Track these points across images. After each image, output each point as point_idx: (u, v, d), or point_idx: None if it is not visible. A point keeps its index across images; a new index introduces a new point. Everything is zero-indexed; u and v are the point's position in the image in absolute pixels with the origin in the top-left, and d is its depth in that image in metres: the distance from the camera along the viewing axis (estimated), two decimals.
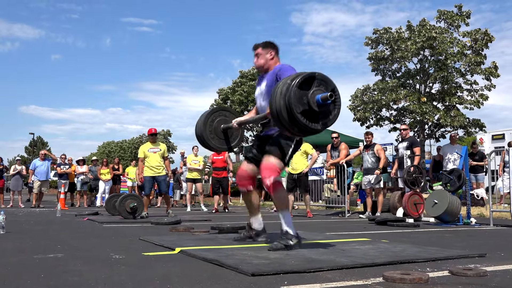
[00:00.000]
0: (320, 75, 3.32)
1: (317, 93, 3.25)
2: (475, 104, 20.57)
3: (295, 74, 3.33)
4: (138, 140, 49.25)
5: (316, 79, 3.29)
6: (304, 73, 3.29)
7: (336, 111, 3.38)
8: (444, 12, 21.08)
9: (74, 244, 4.04)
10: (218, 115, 4.44)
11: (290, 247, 3.54)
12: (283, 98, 3.19)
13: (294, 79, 3.23)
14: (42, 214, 9.45)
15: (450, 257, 3.26)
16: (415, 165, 7.79)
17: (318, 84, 3.29)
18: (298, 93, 3.19)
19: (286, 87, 3.20)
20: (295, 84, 3.19)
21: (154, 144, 8.52)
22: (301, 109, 3.20)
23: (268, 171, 3.69)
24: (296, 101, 3.17)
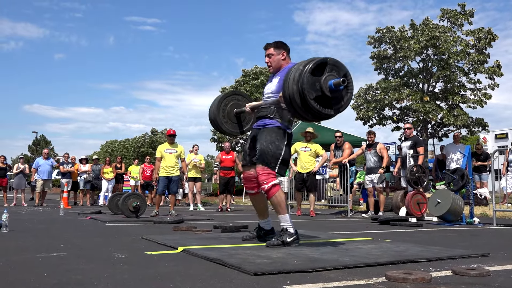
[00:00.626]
0: (332, 60, 3.32)
1: (330, 79, 3.26)
2: (478, 103, 20.52)
3: (308, 60, 3.32)
4: (141, 139, 49.32)
5: (328, 64, 3.29)
6: (317, 58, 3.29)
7: (348, 95, 3.39)
8: (448, 11, 21.02)
9: (77, 243, 4.04)
10: (231, 99, 4.46)
11: (288, 243, 3.59)
12: (296, 84, 3.20)
13: (306, 64, 3.24)
14: (45, 212, 9.47)
15: (453, 256, 3.25)
16: (418, 164, 7.77)
17: (330, 70, 3.30)
18: (311, 79, 3.20)
19: (298, 73, 3.21)
20: (308, 70, 3.19)
21: (172, 145, 8.63)
22: (314, 95, 3.21)
23: (264, 176, 3.70)
24: (309, 87, 3.18)
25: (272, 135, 3.77)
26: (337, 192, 11.70)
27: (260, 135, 3.85)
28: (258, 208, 4.12)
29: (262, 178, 3.71)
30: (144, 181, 14.35)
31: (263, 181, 3.70)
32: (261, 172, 3.71)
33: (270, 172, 3.71)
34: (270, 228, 4.11)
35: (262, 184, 3.71)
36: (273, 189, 3.69)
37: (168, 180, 8.47)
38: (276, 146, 3.74)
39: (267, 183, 3.68)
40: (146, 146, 47.48)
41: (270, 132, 3.80)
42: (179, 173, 8.71)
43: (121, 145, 50.47)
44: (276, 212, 3.78)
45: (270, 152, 3.72)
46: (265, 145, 3.74)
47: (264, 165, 3.71)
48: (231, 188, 11.08)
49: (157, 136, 49.35)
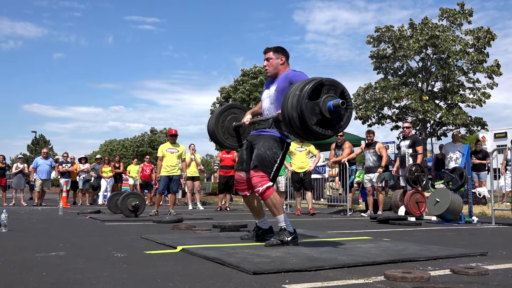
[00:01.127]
0: (327, 80, 3.32)
1: (328, 100, 3.26)
2: (477, 103, 20.54)
3: (303, 83, 3.29)
4: (140, 138, 49.30)
5: (324, 85, 3.29)
6: (312, 81, 3.27)
7: (348, 113, 3.41)
8: (447, 10, 21.03)
9: (76, 242, 4.05)
10: (228, 114, 4.46)
11: (286, 242, 3.61)
12: (295, 110, 3.21)
13: (303, 88, 3.22)
14: (44, 212, 9.47)
15: (451, 255, 3.26)
16: (417, 163, 7.78)
17: (327, 90, 3.29)
18: (310, 104, 3.20)
19: (296, 99, 3.20)
20: (305, 96, 3.19)
21: (173, 145, 8.65)
22: (315, 119, 3.23)
23: (258, 178, 3.68)
24: (309, 113, 3.19)
25: (270, 142, 3.78)
26: (336, 191, 11.71)
27: (258, 141, 3.84)
28: (253, 208, 4.09)
29: (256, 181, 3.68)
30: (143, 181, 14.35)
31: (257, 183, 3.68)
32: (255, 175, 3.69)
33: (264, 175, 3.69)
34: (268, 227, 4.10)
35: (256, 187, 3.68)
36: (267, 191, 3.67)
37: (168, 179, 8.49)
38: (274, 153, 3.74)
39: (261, 185, 3.66)
40: (145, 145, 47.47)
41: (268, 139, 3.80)
42: (180, 173, 8.72)
43: (120, 145, 50.45)
44: (272, 214, 3.77)
45: (267, 158, 3.71)
46: (263, 151, 3.73)
47: (259, 169, 3.69)
48: (230, 187, 11.07)
49: (156, 135, 49.35)
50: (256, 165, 3.70)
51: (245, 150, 4.01)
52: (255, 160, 3.73)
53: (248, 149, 3.98)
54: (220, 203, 11.06)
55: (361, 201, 11.53)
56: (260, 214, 4.08)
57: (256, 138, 3.90)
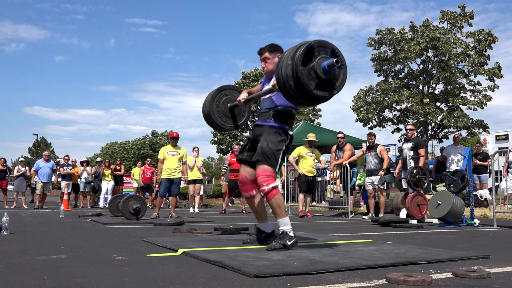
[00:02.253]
0: (316, 42, 3.27)
1: (321, 61, 3.23)
2: (478, 105, 20.53)
3: (292, 50, 3.24)
4: (141, 141, 49.33)
5: (314, 48, 3.25)
6: (302, 47, 3.22)
7: (344, 70, 3.35)
8: (447, 13, 21.05)
9: (77, 245, 4.04)
10: (221, 96, 4.45)
11: (288, 247, 3.57)
12: (292, 79, 3.17)
13: (293, 56, 3.17)
14: (46, 215, 9.47)
15: (453, 258, 3.25)
16: (418, 166, 7.77)
17: (318, 52, 3.26)
18: (304, 70, 3.17)
19: (290, 68, 3.17)
20: (299, 63, 3.14)
21: (174, 147, 8.66)
22: (314, 84, 3.19)
23: (264, 177, 3.66)
24: (306, 79, 3.16)
25: (272, 135, 3.77)
26: (338, 194, 11.70)
27: (262, 132, 3.84)
28: (256, 211, 4.04)
29: (261, 180, 3.67)
30: (144, 183, 14.35)
31: (262, 182, 3.66)
32: (261, 174, 3.68)
33: (270, 174, 3.68)
34: (270, 231, 4.04)
35: (262, 186, 3.67)
36: (273, 191, 3.66)
37: (170, 182, 8.49)
38: (277, 146, 3.74)
39: (267, 185, 3.65)
40: (146, 148, 47.51)
41: (271, 132, 3.79)
42: (181, 175, 8.73)
43: (122, 147, 50.48)
44: (275, 214, 3.73)
45: (270, 151, 3.71)
46: (265, 144, 3.73)
47: (264, 165, 3.68)
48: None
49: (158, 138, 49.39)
50: (260, 159, 3.70)
51: (249, 140, 4.00)
52: (258, 154, 3.73)
53: (252, 139, 3.97)
54: (225, 206, 11.08)
55: (363, 204, 11.52)
56: (263, 217, 4.04)
57: (260, 129, 3.89)
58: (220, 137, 27.47)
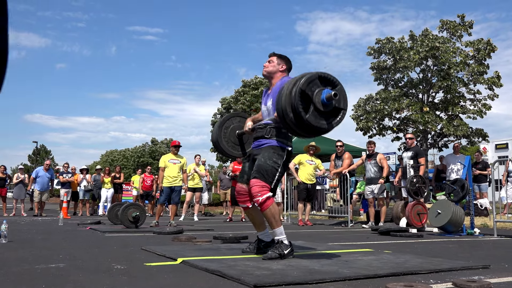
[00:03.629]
0: (324, 74, 3.32)
1: (321, 93, 3.26)
2: (478, 114, 20.57)
3: (299, 75, 3.32)
4: (141, 149, 49.30)
5: (320, 78, 3.29)
6: (308, 74, 3.30)
7: (339, 118, 3.38)
8: (447, 22, 21.16)
9: (76, 254, 4.03)
10: (230, 123, 4.49)
11: (284, 255, 3.57)
12: (289, 105, 3.21)
13: (297, 80, 3.25)
14: (45, 223, 9.44)
15: (453, 268, 3.24)
16: (418, 174, 7.76)
17: (323, 84, 3.30)
18: (303, 94, 3.20)
19: (289, 90, 3.23)
20: (298, 91, 3.20)
21: (176, 156, 8.67)
22: (309, 113, 3.21)
23: (258, 187, 3.63)
24: (301, 103, 3.18)
25: (270, 152, 3.75)
26: (338, 203, 11.68)
27: (259, 154, 3.82)
28: (254, 221, 4.05)
29: (256, 190, 3.63)
30: (143, 191, 14.32)
31: (257, 193, 3.62)
32: (255, 184, 3.64)
33: (265, 185, 3.64)
34: (270, 240, 4.01)
35: (256, 197, 3.62)
36: (267, 201, 3.62)
37: (170, 190, 8.49)
38: (274, 162, 3.71)
39: (261, 195, 3.60)
40: (146, 156, 47.46)
41: (268, 149, 3.78)
42: (181, 184, 8.72)
43: (121, 155, 50.41)
44: (270, 224, 3.71)
45: (267, 168, 3.68)
46: (263, 161, 3.71)
47: (259, 179, 3.65)
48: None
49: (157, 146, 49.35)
50: (256, 176, 3.67)
51: (247, 163, 4.01)
52: (255, 171, 3.71)
53: (249, 162, 3.97)
54: (231, 214, 11.07)
55: (362, 213, 11.50)
56: (261, 227, 4.04)
57: (257, 151, 3.89)
58: None
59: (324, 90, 3.26)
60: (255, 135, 3.99)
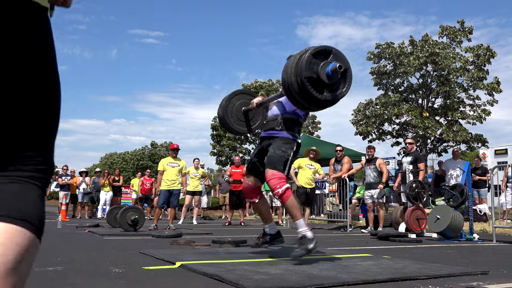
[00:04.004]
0: (336, 50, 3.34)
1: (325, 67, 3.27)
2: (477, 119, 20.57)
3: (304, 50, 3.34)
4: (141, 152, 49.28)
5: (332, 53, 3.30)
6: (313, 47, 3.31)
7: (344, 89, 3.38)
8: (447, 28, 21.20)
9: (74, 257, 4.02)
10: (238, 98, 4.54)
11: (311, 250, 3.61)
12: (294, 75, 3.23)
13: (309, 48, 3.27)
14: None
15: (452, 274, 3.23)
16: (417, 180, 7.76)
17: (332, 59, 3.31)
18: (310, 60, 3.21)
19: (295, 63, 3.25)
20: (310, 52, 3.21)
21: (174, 159, 8.68)
22: (309, 75, 3.22)
23: (276, 180, 3.73)
24: (306, 68, 3.19)
25: (279, 142, 3.88)
26: (337, 207, 11.67)
27: (271, 144, 3.93)
28: (261, 214, 4.23)
29: (274, 183, 3.73)
30: (143, 194, 14.31)
31: (275, 185, 3.72)
32: (272, 177, 3.74)
33: (282, 176, 3.75)
34: (275, 232, 4.19)
35: (275, 189, 3.72)
36: (287, 192, 3.73)
37: (169, 193, 8.48)
38: (284, 152, 3.82)
39: (280, 187, 3.71)
40: (145, 159, 47.44)
41: (277, 141, 3.91)
42: (180, 187, 8.73)
43: (121, 158, 50.41)
44: (292, 216, 3.79)
45: (277, 157, 3.79)
46: (273, 151, 3.83)
47: (273, 169, 3.75)
48: (241, 202, 11.05)
49: (157, 149, 49.35)
50: (270, 167, 3.77)
51: (256, 153, 4.12)
52: (267, 163, 3.82)
53: (259, 152, 4.08)
54: (230, 218, 11.06)
55: (362, 217, 11.48)
56: (268, 219, 4.21)
57: (268, 141, 3.98)
58: (219, 149, 27.46)
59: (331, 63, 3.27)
60: (266, 127, 4.09)
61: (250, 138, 27.86)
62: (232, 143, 26.98)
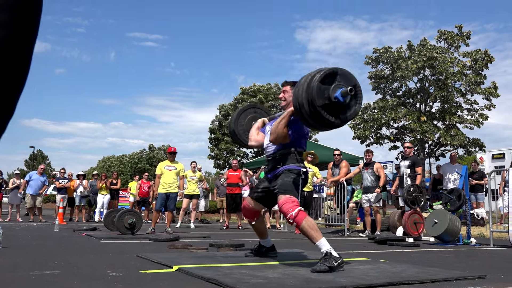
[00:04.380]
0: (341, 70, 3.39)
1: (338, 88, 3.31)
2: (475, 124, 20.64)
3: (317, 70, 3.40)
4: (138, 155, 49.21)
5: (338, 74, 3.35)
6: (326, 68, 3.36)
7: (357, 106, 3.44)
8: (445, 32, 21.29)
9: (71, 260, 4.00)
10: (249, 113, 4.59)
11: (334, 268, 3.37)
12: (306, 92, 3.28)
13: (316, 74, 3.32)
14: (40, 228, 9.40)
15: (450, 278, 3.23)
16: (415, 184, 7.77)
17: (339, 80, 3.35)
18: (320, 87, 3.25)
19: (308, 81, 3.28)
20: (317, 79, 3.27)
21: (172, 162, 8.67)
22: (322, 103, 3.26)
23: (288, 204, 3.68)
24: (318, 96, 3.24)
25: (287, 173, 3.88)
26: (334, 211, 11.66)
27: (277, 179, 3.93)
28: (257, 230, 4.37)
29: (286, 207, 3.66)
30: (140, 198, 14.27)
31: (288, 209, 3.64)
32: (284, 202, 3.70)
33: (294, 200, 3.72)
34: (270, 245, 4.36)
35: (288, 213, 3.63)
36: (299, 215, 3.63)
37: (166, 196, 8.47)
38: (294, 179, 3.84)
39: (292, 210, 3.63)
40: (143, 162, 47.36)
41: (285, 172, 3.90)
42: (177, 190, 8.70)
43: (118, 161, 50.30)
44: (311, 238, 3.59)
45: (289, 183, 3.80)
46: (283, 181, 3.82)
47: (285, 194, 3.73)
48: (238, 205, 11.02)
49: (155, 152, 49.28)
50: (282, 193, 3.76)
51: (261, 185, 4.18)
52: (279, 190, 3.79)
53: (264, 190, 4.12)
54: (227, 221, 11.04)
55: (359, 221, 11.48)
56: (264, 235, 4.36)
57: (275, 179, 3.98)
58: (217, 152, 27.45)
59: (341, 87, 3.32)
60: (268, 167, 4.11)
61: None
62: (230, 146, 26.98)
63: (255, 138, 4.34)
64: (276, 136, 3.85)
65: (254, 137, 4.36)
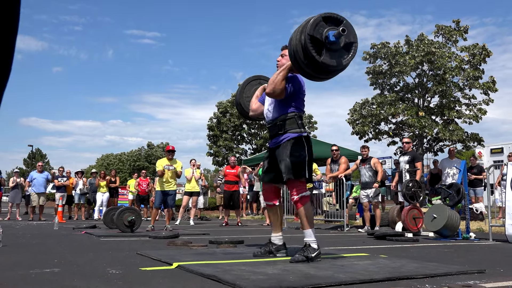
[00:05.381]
0: (327, 14, 3.36)
1: (329, 31, 3.31)
2: (473, 118, 20.64)
3: (305, 21, 3.39)
4: (137, 152, 49.18)
5: (324, 19, 3.33)
6: (312, 17, 3.34)
7: (349, 56, 3.40)
8: (442, 27, 21.26)
9: (71, 258, 4.01)
10: (254, 84, 4.56)
11: (311, 259, 3.63)
12: (300, 43, 3.27)
13: (304, 27, 3.31)
14: (39, 227, 9.40)
15: (449, 273, 3.24)
16: (414, 179, 7.78)
17: (329, 24, 3.34)
18: (315, 25, 3.26)
19: (298, 38, 3.29)
20: (307, 32, 3.25)
21: (170, 160, 8.68)
22: (320, 52, 3.26)
23: (295, 188, 3.79)
24: (310, 30, 3.23)
25: (288, 148, 3.82)
26: (334, 207, 11.67)
27: (278, 153, 3.89)
28: (274, 221, 4.22)
29: (293, 190, 3.81)
30: (139, 195, 14.28)
31: (293, 192, 3.80)
32: (292, 185, 3.81)
33: (301, 183, 3.80)
34: (282, 243, 4.18)
35: (292, 195, 3.80)
36: (302, 199, 3.78)
37: (163, 194, 8.48)
38: (296, 156, 3.79)
39: (297, 194, 3.78)
40: (142, 160, 47.34)
41: (285, 146, 3.85)
42: (176, 188, 8.74)
43: (117, 159, 50.27)
44: (302, 225, 3.83)
45: (294, 163, 3.75)
46: (285, 159, 3.78)
47: (292, 177, 3.75)
48: (236, 202, 11.03)
49: (153, 150, 49.25)
50: (289, 177, 3.76)
51: (268, 162, 4.08)
52: (284, 172, 3.78)
53: (271, 161, 4.03)
54: (226, 218, 11.05)
55: (358, 217, 11.50)
56: (278, 229, 4.19)
57: (277, 150, 3.93)
58: (216, 149, 27.43)
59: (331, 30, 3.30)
60: (270, 134, 4.04)
61: (247, 139, 27.85)
62: (229, 143, 26.96)
63: (253, 108, 4.28)
64: (273, 87, 3.75)
65: (252, 106, 4.29)
